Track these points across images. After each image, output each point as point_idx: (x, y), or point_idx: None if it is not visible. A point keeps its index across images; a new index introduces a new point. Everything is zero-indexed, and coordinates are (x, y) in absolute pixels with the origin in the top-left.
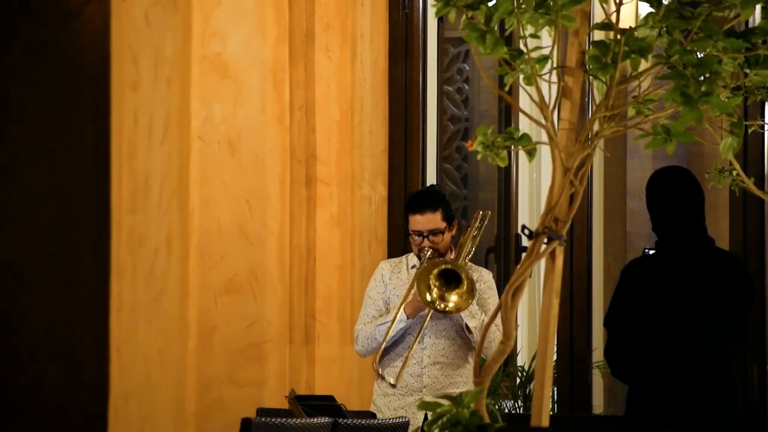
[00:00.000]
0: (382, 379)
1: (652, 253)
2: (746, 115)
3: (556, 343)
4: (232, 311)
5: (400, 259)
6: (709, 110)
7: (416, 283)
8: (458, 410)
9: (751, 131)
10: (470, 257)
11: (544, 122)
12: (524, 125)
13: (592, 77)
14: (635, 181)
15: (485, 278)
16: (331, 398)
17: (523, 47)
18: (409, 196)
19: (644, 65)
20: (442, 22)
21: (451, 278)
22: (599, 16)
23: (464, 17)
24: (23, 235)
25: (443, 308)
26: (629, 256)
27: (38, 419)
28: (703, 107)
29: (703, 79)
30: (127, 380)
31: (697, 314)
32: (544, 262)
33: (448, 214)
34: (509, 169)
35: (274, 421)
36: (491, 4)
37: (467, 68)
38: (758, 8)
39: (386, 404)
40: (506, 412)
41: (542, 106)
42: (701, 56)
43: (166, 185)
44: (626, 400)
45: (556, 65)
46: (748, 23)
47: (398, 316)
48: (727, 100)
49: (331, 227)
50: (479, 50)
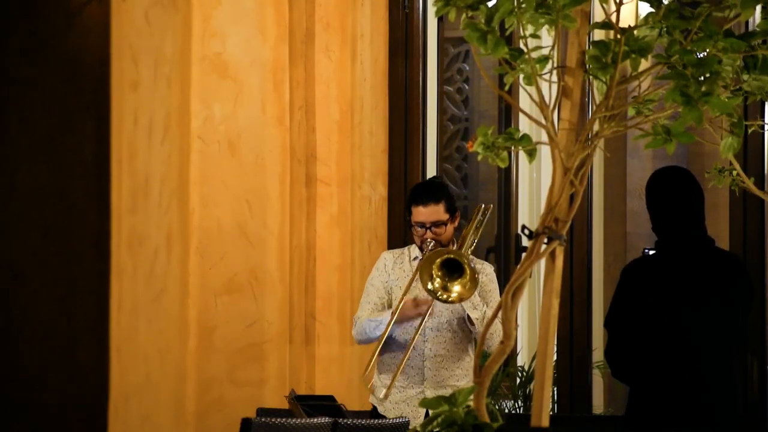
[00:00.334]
0: (371, 393)
1: (652, 253)
2: (746, 115)
3: (556, 343)
4: (232, 311)
5: (402, 250)
6: (709, 110)
7: (419, 272)
8: (453, 410)
9: (751, 131)
10: (472, 250)
11: (544, 122)
12: (524, 125)
13: (592, 77)
14: (635, 181)
15: (487, 271)
16: (331, 398)
17: (523, 47)
18: (412, 187)
19: (644, 65)
20: (442, 22)
21: (453, 268)
22: (599, 16)
23: (464, 17)
24: (23, 235)
25: (446, 299)
26: (629, 256)
27: (38, 419)
28: (703, 107)
29: (703, 79)
30: (127, 380)
31: (697, 314)
32: (544, 262)
33: (451, 206)
34: (509, 169)
35: (274, 421)
36: (491, 4)
37: (467, 68)
38: (758, 8)
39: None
40: (506, 412)
41: (542, 106)
42: (701, 56)
43: (166, 185)
44: (626, 400)
45: (556, 65)
46: (748, 23)
47: (385, 320)
48: (727, 100)
49: (331, 227)
50: (480, 50)
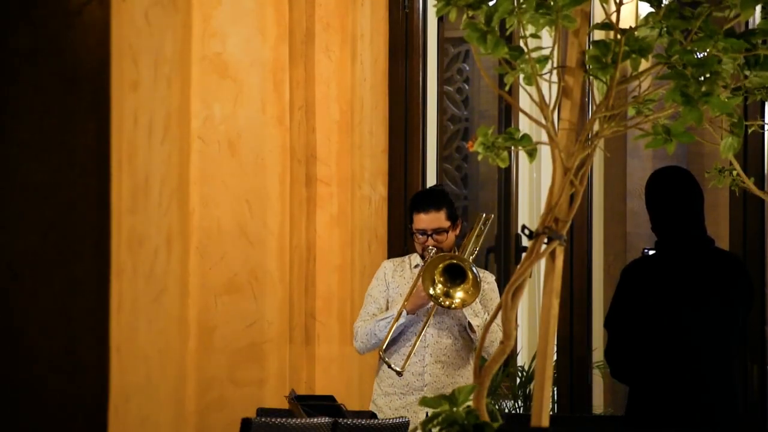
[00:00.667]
0: (388, 366)
1: (652, 253)
2: (746, 115)
3: (556, 343)
4: (232, 311)
5: (403, 258)
6: (709, 110)
7: (421, 277)
8: (453, 410)
9: (751, 131)
10: (473, 258)
11: (544, 122)
12: (524, 125)
13: (592, 77)
14: (635, 181)
15: (489, 280)
16: (331, 398)
17: (523, 47)
18: (413, 195)
19: (644, 65)
20: (442, 22)
21: (456, 274)
22: (599, 15)
23: (465, 17)
24: (23, 235)
25: (448, 305)
26: (629, 256)
27: (38, 419)
28: (703, 107)
29: (703, 79)
30: (127, 380)
31: (697, 314)
32: (544, 262)
33: (452, 213)
34: (509, 169)
35: (274, 421)
36: (492, 3)
37: (467, 68)
38: (758, 8)
39: (387, 404)
40: (506, 412)
41: (542, 106)
42: (701, 56)
43: (166, 185)
44: (626, 400)
45: (556, 65)
46: (748, 23)
47: (393, 314)
48: (727, 100)
49: (331, 227)
50: (480, 50)
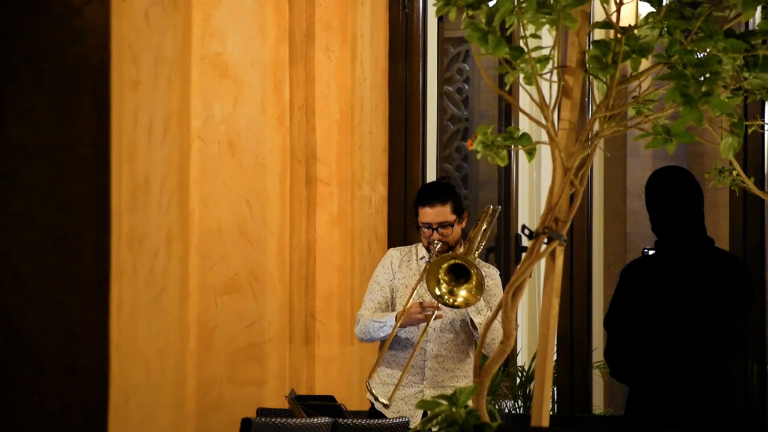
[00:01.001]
0: (375, 399)
1: (652, 253)
2: (746, 115)
3: (556, 343)
4: (232, 311)
5: (409, 248)
6: (709, 110)
7: (426, 277)
8: (454, 410)
9: (751, 131)
10: (479, 252)
11: (544, 122)
12: (524, 125)
13: (592, 77)
14: (635, 181)
15: (493, 276)
16: (331, 398)
17: (523, 47)
18: (419, 188)
19: (644, 65)
20: (442, 22)
21: (460, 273)
22: (599, 15)
23: (465, 17)
24: (23, 235)
25: (452, 303)
26: (629, 256)
27: (38, 419)
28: (703, 107)
29: (703, 79)
30: (127, 380)
31: (697, 314)
32: (544, 262)
33: (458, 206)
34: (509, 169)
35: (274, 421)
36: (492, 3)
37: (467, 68)
38: (758, 9)
39: (385, 394)
40: (506, 412)
41: (542, 105)
42: (701, 56)
43: (166, 185)
44: (626, 400)
45: (556, 65)
46: (748, 23)
47: (389, 321)
48: (727, 100)
49: (331, 227)
50: (480, 50)
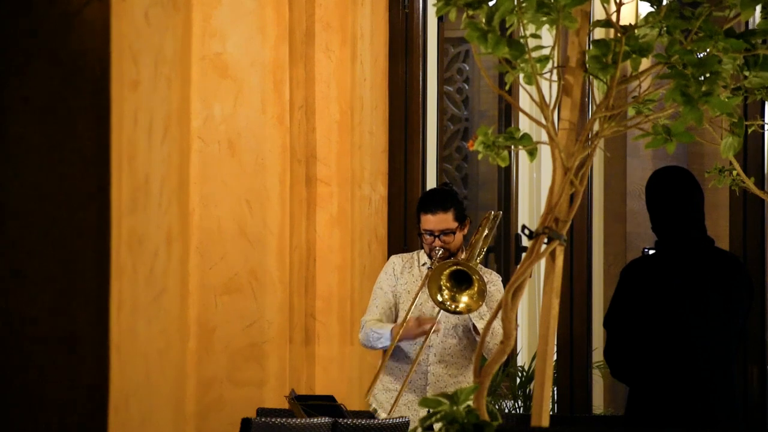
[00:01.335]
0: (374, 411)
1: (652, 253)
2: (746, 115)
3: (556, 343)
4: (232, 311)
5: (411, 255)
6: (709, 110)
7: (428, 283)
8: (455, 408)
9: (751, 131)
10: (481, 258)
11: (544, 122)
12: (524, 125)
13: (592, 77)
14: (635, 181)
15: (495, 281)
16: (331, 398)
17: (523, 46)
18: (421, 194)
19: (645, 65)
20: (442, 22)
21: (462, 279)
22: (599, 15)
23: (465, 16)
24: (23, 235)
25: (454, 309)
26: (629, 256)
27: (38, 419)
28: (703, 107)
29: (703, 78)
30: (127, 380)
31: (696, 314)
32: (544, 262)
33: (460, 213)
34: (509, 169)
35: (274, 421)
36: (492, 3)
37: (467, 68)
38: (758, 8)
39: (388, 400)
40: (506, 412)
41: (542, 105)
42: (701, 56)
43: (166, 185)
44: (626, 400)
45: (556, 65)
46: (748, 23)
47: (386, 334)
48: (727, 100)
49: (331, 227)
50: (480, 49)
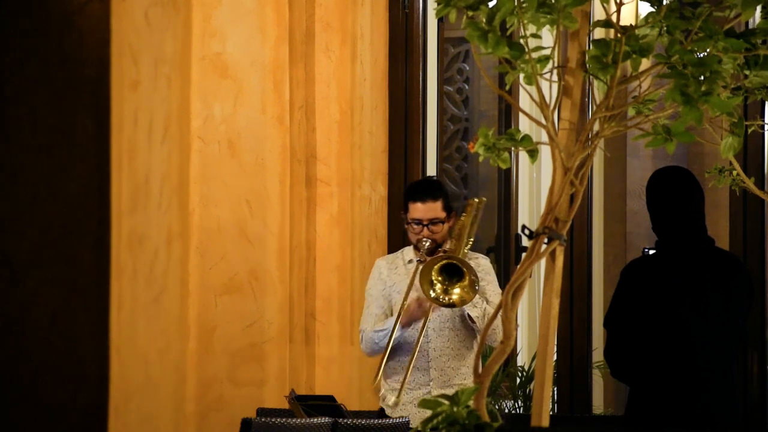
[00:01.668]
0: (382, 400)
1: (652, 253)
2: (746, 115)
3: (556, 343)
4: (232, 311)
5: (395, 255)
6: (709, 110)
7: (419, 280)
8: (455, 409)
9: (751, 131)
10: (470, 247)
11: (544, 122)
12: (524, 125)
13: (592, 77)
14: (635, 181)
15: (482, 264)
16: (331, 398)
17: (523, 46)
18: (408, 186)
19: (644, 65)
20: (442, 22)
21: (452, 272)
22: (599, 15)
23: (465, 16)
24: (23, 235)
25: (448, 302)
26: (629, 256)
27: (38, 419)
28: (703, 107)
29: (703, 78)
30: (127, 380)
31: (697, 314)
32: (544, 262)
33: (447, 204)
34: (509, 169)
35: (274, 421)
36: (492, 4)
37: (467, 68)
38: (758, 8)
39: (394, 399)
40: (506, 412)
41: (542, 105)
42: (701, 56)
43: (166, 185)
44: (626, 400)
45: (556, 65)
46: (748, 23)
47: (389, 326)
48: (727, 99)
49: (331, 227)
50: (480, 50)
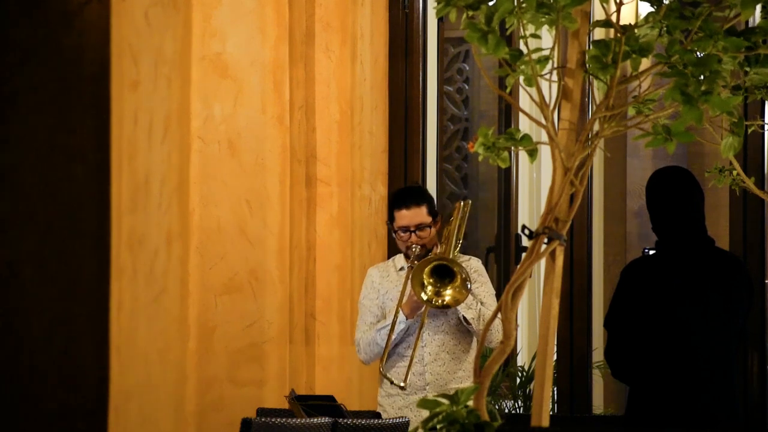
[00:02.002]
0: (390, 383)
1: (652, 253)
2: (746, 114)
3: (556, 343)
4: (232, 311)
5: (386, 262)
6: (709, 109)
7: (411, 283)
8: (455, 409)
9: (751, 131)
10: (459, 249)
11: (544, 122)
12: (524, 125)
13: (592, 77)
14: (635, 181)
15: (474, 265)
16: (331, 398)
17: (523, 47)
18: (392, 194)
19: (644, 65)
20: (442, 22)
21: (443, 273)
22: (599, 15)
23: (465, 17)
24: (23, 235)
25: (441, 304)
26: (629, 256)
27: (38, 419)
28: (703, 106)
29: (703, 78)
30: (127, 380)
31: (697, 314)
32: (544, 262)
33: (432, 209)
34: (509, 169)
35: (274, 421)
36: (492, 3)
37: (467, 68)
38: (758, 8)
39: (390, 404)
40: (506, 412)
41: (542, 106)
42: (701, 56)
43: (166, 185)
44: (627, 400)
45: (556, 65)
46: (748, 23)
47: (398, 318)
48: (727, 99)
49: (331, 227)
50: (480, 50)
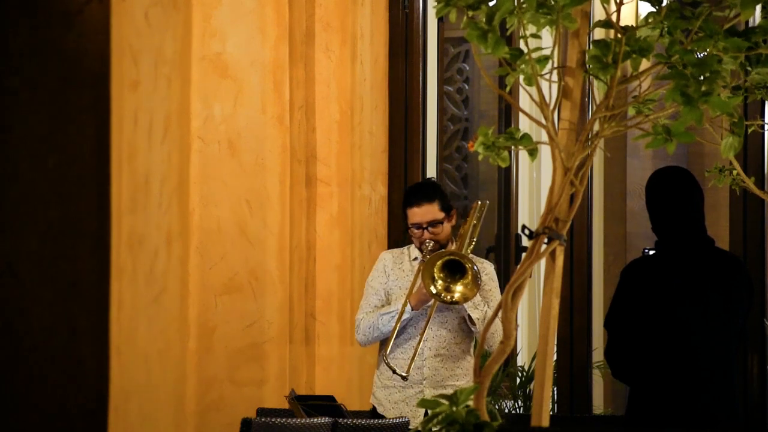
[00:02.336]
0: (393, 372)
1: (652, 253)
2: (746, 114)
3: (556, 343)
4: (232, 311)
5: (401, 250)
6: (709, 110)
7: (422, 275)
8: (455, 409)
9: (751, 131)
10: (472, 248)
11: (544, 122)
12: (524, 125)
13: (592, 77)
14: (635, 181)
15: (487, 270)
16: (331, 398)
17: (523, 47)
18: (405, 190)
19: (644, 65)
20: (442, 22)
21: (455, 269)
22: (599, 15)
23: (465, 16)
24: (23, 235)
25: (450, 299)
26: (629, 256)
27: (38, 419)
28: (703, 107)
29: (703, 78)
30: (127, 380)
31: (697, 314)
32: (544, 262)
33: (445, 204)
34: (509, 169)
35: (274, 421)
36: (492, 3)
37: (467, 68)
38: (758, 8)
39: (386, 396)
40: (506, 412)
41: (542, 105)
42: (702, 56)
43: (166, 185)
44: (627, 400)
45: (556, 65)
46: (748, 23)
47: (397, 308)
48: (727, 99)
49: (331, 227)
50: (480, 50)
